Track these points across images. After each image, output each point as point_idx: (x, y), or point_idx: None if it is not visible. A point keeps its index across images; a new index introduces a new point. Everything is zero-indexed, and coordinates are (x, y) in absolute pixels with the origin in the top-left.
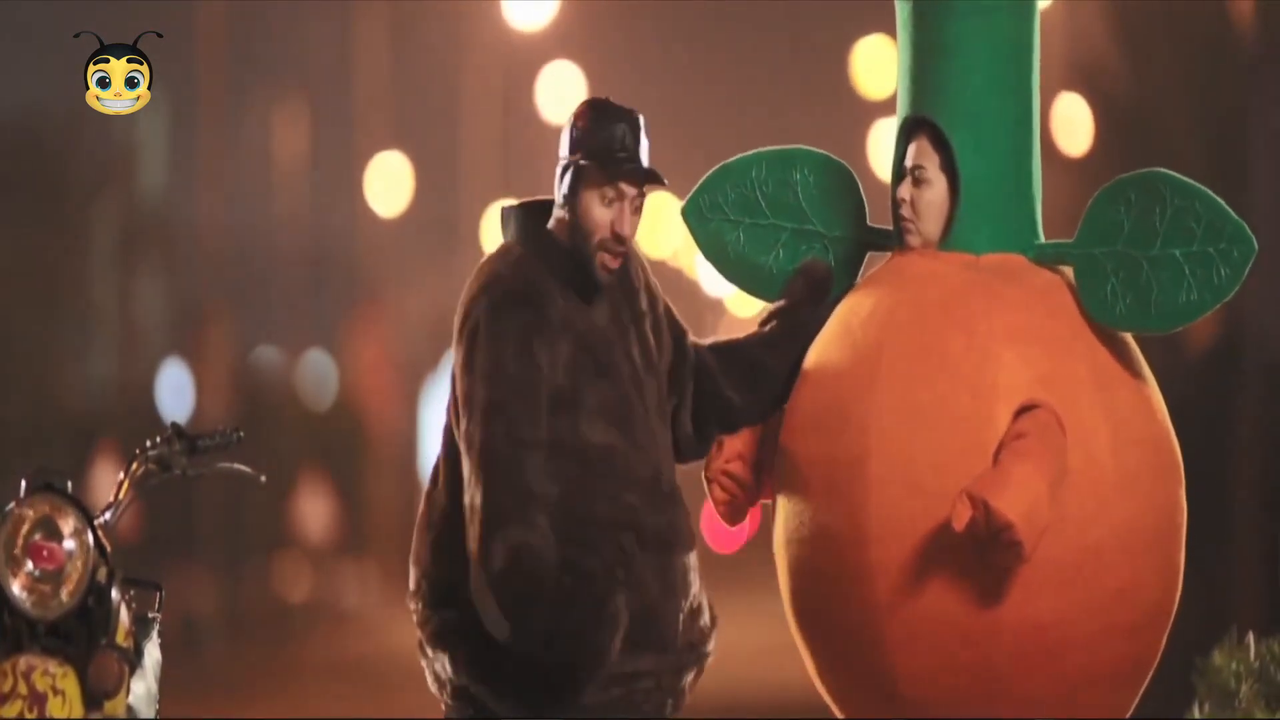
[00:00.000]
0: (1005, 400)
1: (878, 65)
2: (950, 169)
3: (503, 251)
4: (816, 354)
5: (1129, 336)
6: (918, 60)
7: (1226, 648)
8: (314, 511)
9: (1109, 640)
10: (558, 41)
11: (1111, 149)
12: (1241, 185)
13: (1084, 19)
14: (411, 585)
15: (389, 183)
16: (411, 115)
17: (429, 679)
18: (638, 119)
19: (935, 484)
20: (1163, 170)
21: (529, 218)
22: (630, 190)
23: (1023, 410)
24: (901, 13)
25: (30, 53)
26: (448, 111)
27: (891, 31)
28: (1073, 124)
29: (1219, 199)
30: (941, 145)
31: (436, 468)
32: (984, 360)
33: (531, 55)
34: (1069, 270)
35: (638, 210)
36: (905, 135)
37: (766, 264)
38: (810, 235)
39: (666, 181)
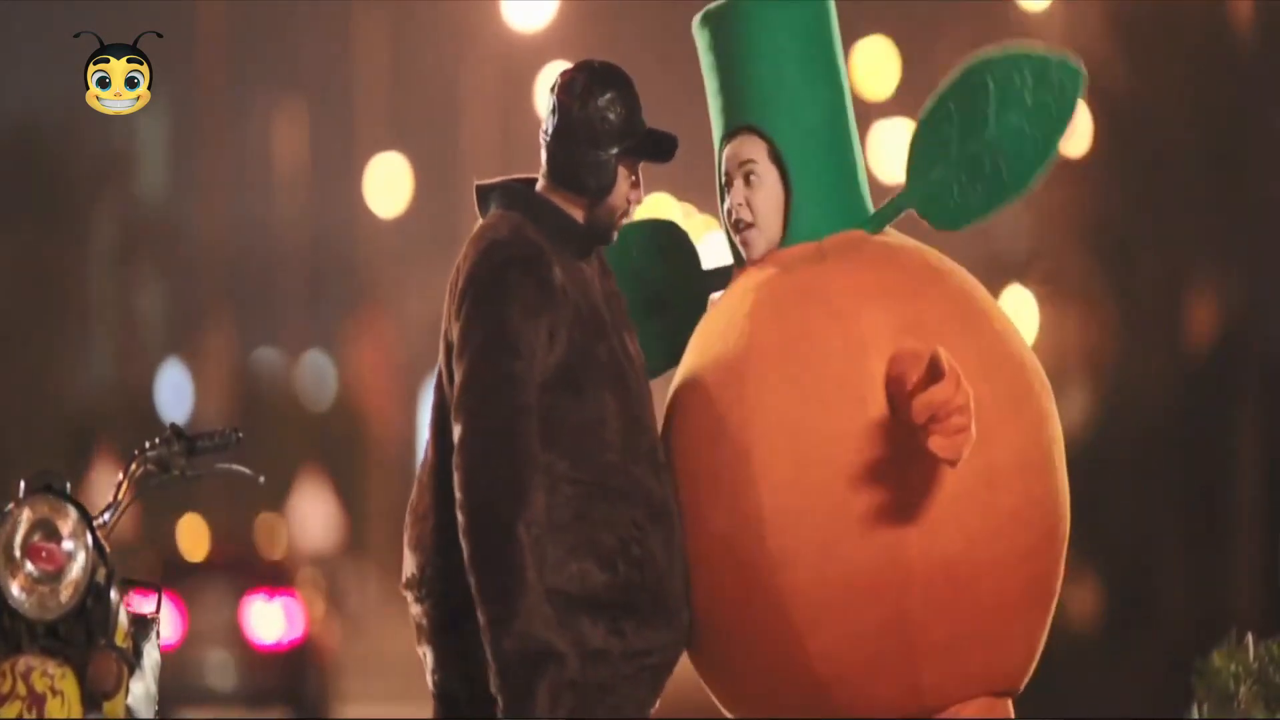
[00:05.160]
0: (877, 353)
1: (876, 66)
2: (778, 159)
3: (498, 218)
4: (681, 383)
5: (974, 282)
6: (726, 73)
7: (1226, 649)
8: (313, 512)
9: (1011, 563)
10: (557, 43)
11: (1110, 150)
12: (1242, 185)
13: (1083, 20)
14: (410, 574)
15: (388, 184)
16: (411, 116)
17: (433, 669)
18: (632, 82)
19: (820, 454)
20: (975, 59)
21: (514, 186)
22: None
23: (898, 356)
24: (701, 40)
25: (30, 53)
26: (447, 112)
27: (890, 32)
28: (1071, 126)
29: (1036, 49)
30: (765, 139)
31: (428, 451)
32: (847, 320)
33: (531, 56)
34: (908, 240)
35: None
36: (724, 143)
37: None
38: (654, 303)
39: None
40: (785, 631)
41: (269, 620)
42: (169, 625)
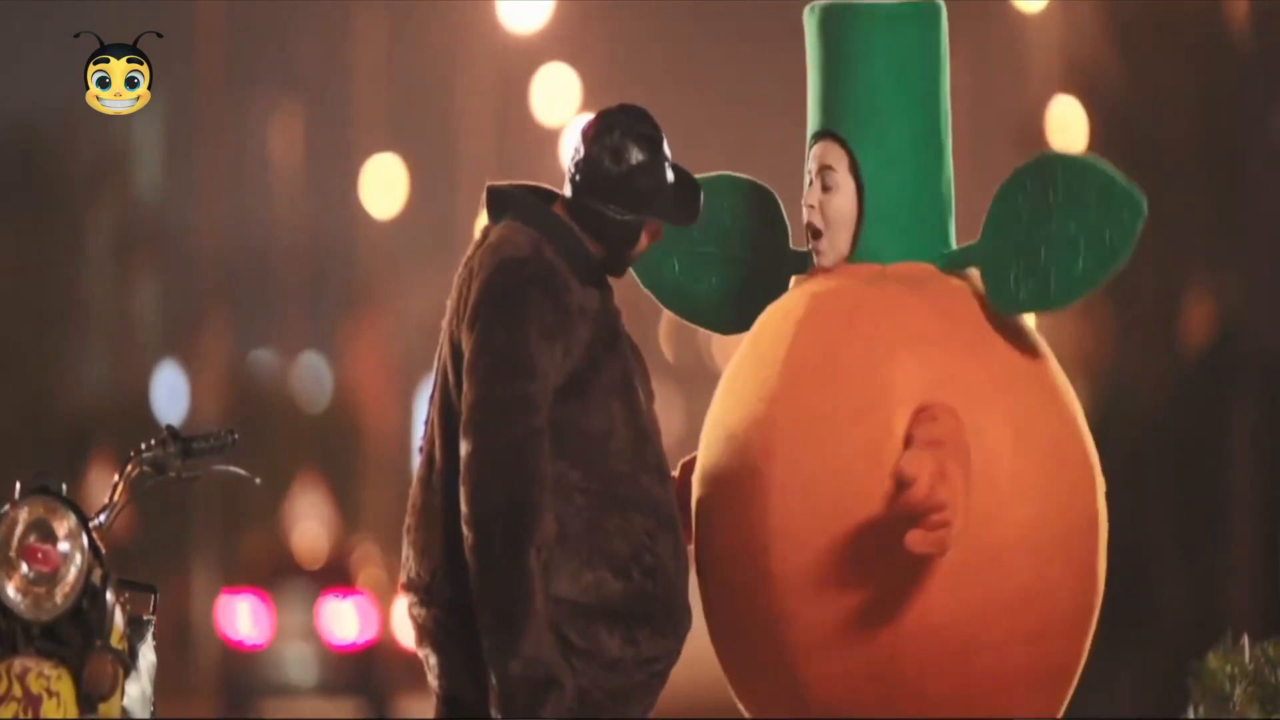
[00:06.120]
0: (901, 403)
1: None
2: (858, 173)
3: (514, 231)
4: (728, 372)
5: (1042, 343)
6: (825, 74)
7: (1221, 650)
8: (309, 513)
9: (1015, 644)
10: (553, 44)
11: (1107, 151)
12: (1239, 186)
13: (1080, 21)
14: (415, 575)
15: (384, 185)
16: (407, 117)
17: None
18: (662, 136)
19: (831, 488)
20: (1052, 151)
21: (532, 200)
22: None
23: (921, 412)
24: (809, 27)
25: (30, 53)
26: (443, 114)
27: None
28: (1068, 126)
29: (1108, 165)
30: (848, 150)
31: (430, 451)
32: (880, 365)
33: (526, 57)
34: (977, 278)
35: None
36: (812, 142)
37: (700, 292)
38: (737, 261)
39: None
40: (779, 653)
41: (343, 619)
42: (260, 625)
